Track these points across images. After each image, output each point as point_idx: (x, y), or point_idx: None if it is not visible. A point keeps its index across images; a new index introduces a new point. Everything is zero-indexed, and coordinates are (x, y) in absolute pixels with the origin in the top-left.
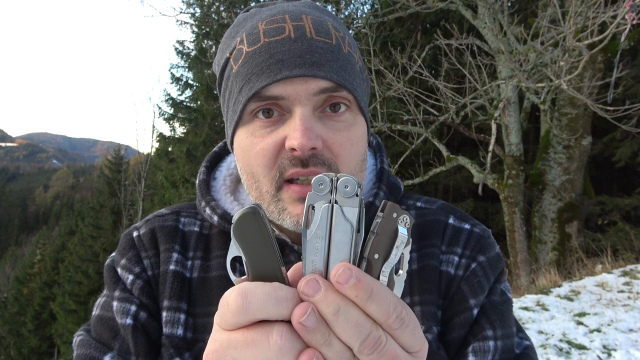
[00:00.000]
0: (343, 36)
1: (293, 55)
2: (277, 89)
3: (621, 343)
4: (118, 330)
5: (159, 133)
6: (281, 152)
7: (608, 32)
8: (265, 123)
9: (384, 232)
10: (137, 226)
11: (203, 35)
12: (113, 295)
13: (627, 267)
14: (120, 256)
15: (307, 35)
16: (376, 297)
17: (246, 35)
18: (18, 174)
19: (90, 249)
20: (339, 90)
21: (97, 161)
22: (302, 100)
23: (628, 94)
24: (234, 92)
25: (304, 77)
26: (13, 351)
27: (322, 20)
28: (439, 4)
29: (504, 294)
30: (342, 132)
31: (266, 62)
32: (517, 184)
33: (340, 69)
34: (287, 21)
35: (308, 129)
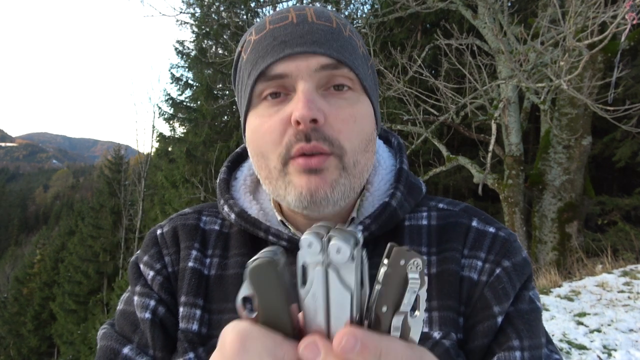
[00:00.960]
0: (344, 24)
1: (295, 37)
2: (280, 67)
3: (621, 343)
4: (138, 324)
5: (159, 133)
6: (288, 130)
7: (608, 32)
8: (272, 103)
9: (392, 282)
10: (161, 225)
11: (203, 35)
12: (134, 290)
13: (627, 267)
14: (143, 253)
15: (309, 20)
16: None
17: (255, 29)
18: (18, 174)
19: (90, 249)
20: (340, 67)
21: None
22: (304, 77)
23: (628, 94)
24: (244, 78)
25: (305, 54)
26: (13, 351)
27: (323, 10)
28: (439, 4)
29: (532, 302)
30: (345, 108)
31: (270, 44)
32: (517, 184)
33: (340, 47)
34: (291, 11)
35: (309, 101)
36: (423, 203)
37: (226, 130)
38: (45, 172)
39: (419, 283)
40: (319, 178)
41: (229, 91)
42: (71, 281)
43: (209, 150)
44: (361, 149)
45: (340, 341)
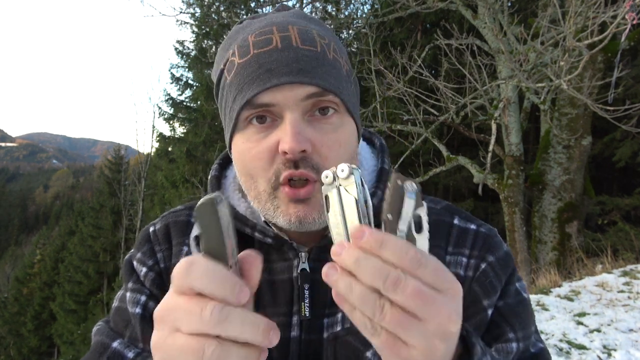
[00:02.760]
0: (328, 43)
1: (280, 65)
2: (267, 97)
3: (621, 343)
4: (130, 319)
5: (159, 133)
6: (276, 157)
7: (608, 32)
8: (259, 129)
9: (393, 197)
10: (154, 222)
11: (203, 35)
12: (127, 287)
13: (627, 267)
14: (136, 250)
15: (293, 45)
16: (387, 244)
17: (237, 48)
18: (18, 174)
19: (90, 249)
20: (326, 95)
21: (97, 161)
22: (291, 106)
23: (628, 94)
24: (229, 101)
25: (292, 84)
26: (13, 351)
27: (307, 30)
28: (439, 4)
29: (518, 294)
30: (330, 134)
31: (256, 72)
32: (517, 184)
33: (325, 74)
34: (275, 32)
35: (297, 133)
36: None
37: None
38: (45, 172)
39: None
40: (307, 206)
41: None
42: (71, 281)
43: (209, 150)
44: None
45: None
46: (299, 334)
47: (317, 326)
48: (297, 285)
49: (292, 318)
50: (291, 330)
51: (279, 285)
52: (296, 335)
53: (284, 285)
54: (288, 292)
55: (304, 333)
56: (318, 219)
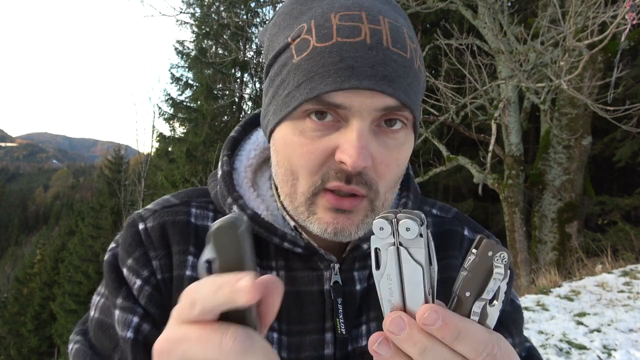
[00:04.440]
0: (416, 47)
1: (365, 64)
2: (341, 97)
3: (621, 343)
4: (118, 341)
5: (159, 133)
6: (328, 160)
7: (608, 32)
8: (317, 125)
9: (478, 270)
10: (142, 216)
11: (203, 35)
12: (115, 303)
13: (627, 267)
14: (126, 254)
15: (384, 44)
16: (465, 337)
17: (315, 26)
18: (18, 174)
19: (90, 249)
20: (402, 110)
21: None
22: (363, 114)
23: (628, 94)
24: (290, 84)
25: (373, 90)
26: (13, 351)
27: (398, 27)
28: (439, 4)
29: (513, 303)
30: (392, 151)
31: (335, 64)
32: (517, 184)
33: (408, 87)
34: (364, 21)
35: (364, 148)
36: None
37: (226, 130)
38: (45, 172)
39: (503, 275)
40: (347, 218)
41: (229, 91)
42: (71, 281)
43: (209, 150)
44: (391, 188)
45: (422, 314)
46: (333, 352)
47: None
48: (330, 299)
49: (325, 335)
50: (325, 348)
51: (307, 298)
52: (330, 353)
53: (312, 298)
54: (319, 307)
55: (338, 350)
56: (355, 233)
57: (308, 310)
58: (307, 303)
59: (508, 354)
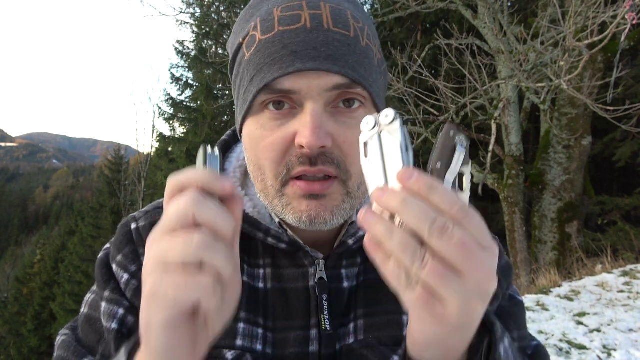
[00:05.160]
0: (362, 27)
1: (307, 47)
2: (288, 82)
3: (621, 343)
4: (104, 333)
5: (159, 133)
6: (290, 149)
7: (608, 32)
8: (275, 115)
9: (444, 146)
10: (135, 217)
11: (203, 35)
12: (103, 296)
13: (627, 267)
14: (116, 251)
15: (324, 26)
16: (437, 189)
17: (260, 22)
18: (18, 174)
19: (90, 249)
20: (354, 87)
21: (97, 161)
22: (314, 96)
23: (628, 94)
24: (245, 80)
25: (318, 71)
26: (13, 351)
27: (341, 10)
28: (439, 4)
29: (512, 299)
30: (354, 129)
31: (279, 52)
32: (517, 184)
33: (356, 63)
34: (304, 8)
35: (318, 127)
36: None
37: (226, 130)
38: (45, 172)
39: (464, 154)
40: (320, 204)
41: (229, 91)
42: (71, 281)
43: None
44: None
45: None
46: (317, 349)
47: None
48: (315, 295)
49: (310, 331)
50: (310, 344)
51: (293, 295)
52: (315, 350)
53: (298, 294)
54: (304, 303)
55: (323, 347)
56: (330, 220)
57: (293, 306)
58: (293, 300)
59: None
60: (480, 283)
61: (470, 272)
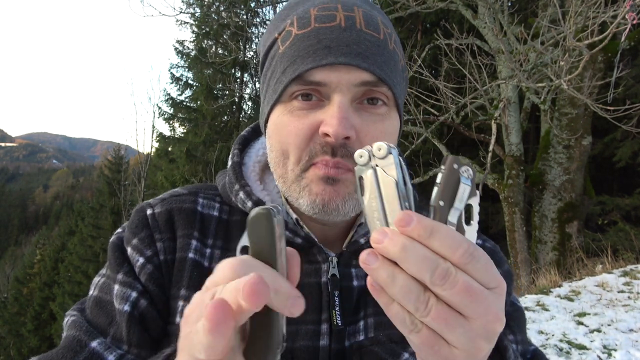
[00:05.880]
0: (390, 33)
1: (341, 44)
2: (320, 74)
3: (621, 343)
4: (115, 315)
5: (159, 133)
6: (314, 136)
7: (608, 32)
8: (303, 105)
9: (447, 181)
10: (151, 204)
11: (203, 35)
12: (116, 278)
13: (627, 267)
14: (132, 235)
15: (357, 27)
16: (438, 233)
17: (297, 19)
18: (18, 174)
19: (90, 249)
20: (380, 85)
21: (97, 161)
22: (342, 89)
23: (628, 94)
24: (277, 72)
25: (348, 65)
26: (13, 351)
27: (372, 15)
28: (439, 4)
29: (513, 305)
30: (377, 124)
31: (314, 46)
32: (517, 184)
33: (384, 63)
34: (339, 10)
35: (344, 118)
36: None
37: (226, 130)
38: (45, 172)
39: (470, 187)
40: (333, 189)
41: (229, 91)
42: (71, 281)
43: (209, 150)
44: None
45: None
46: (328, 343)
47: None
48: (327, 291)
49: (321, 326)
50: (320, 339)
51: (305, 290)
52: (325, 344)
53: (311, 290)
54: (316, 298)
55: (334, 342)
56: (342, 207)
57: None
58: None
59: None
60: (487, 324)
61: (477, 315)
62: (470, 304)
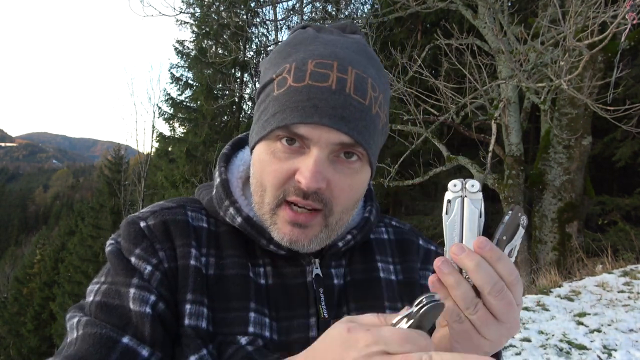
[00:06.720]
0: (377, 95)
1: (328, 105)
2: (304, 129)
3: (621, 343)
4: (131, 318)
5: (159, 133)
6: (290, 179)
7: (608, 32)
8: (285, 149)
9: (511, 223)
10: (141, 217)
11: (203, 35)
12: (130, 283)
13: (628, 267)
14: (132, 245)
15: (346, 91)
16: (503, 260)
17: (294, 68)
18: (18, 174)
19: (90, 249)
20: (356, 146)
21: (97, 161)
22: (322, 145)
23: (628, 94)
24: (269, 112)
25: (330, 127)
26: (13, 351)
27: (364, 77)
28: (439, 4)
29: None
30: (347, 178)
31: (303, 102)
32: (517, 184)
33: (363, 128)
34: (334, 70)
35: (318, 172)
36: (380, 220)
37: (226, 130)
38: (45, 172)
39: (523, 232)
40: (301, 232)
41: (229, 91)
42: (71, 281)
43: (209, 150)
44: (348, 210)
45: (479, 241)
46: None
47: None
48: (313, 289)
49: (310, 319)
50: (310, 330)
51: (293, 289)
52: (315, 335)
53: (298, 289)
54: (304, 296)
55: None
56: (307, 246)
57: (294, 298)
58: (293, 293)
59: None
60: (510, 328)
61: (507, 321)
62: (506, 313)
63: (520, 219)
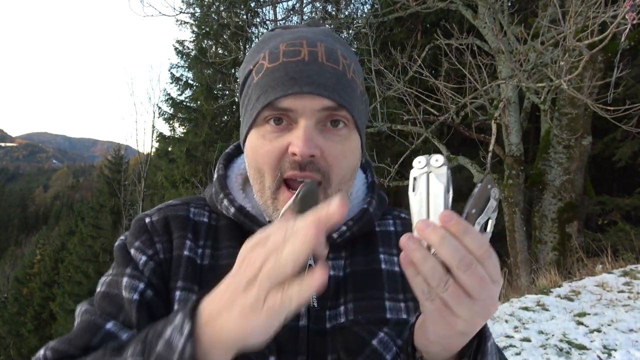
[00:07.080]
0: (349, 63)
1: (304, 75)
2: (288, 102)
3: (621, 343)
4: (123, 305)
5: (159, 133)
6: (284, 156)
7: (608, 32)
8: (274, 129)
9: (480, 196)
10: (148, 214)
11: (203, 35)
12: (124, 272)
13: (628, 267)
14: (134, 239)
15: (319, 60)
16: (470, 233)
17: (269, 53)
18: (18, 174)
19: (90, 249)
20: (340, 109)
21: (97, 161)
22: (307, 114)
23: (628, 94)
24: (252, 99)
25: (312, 94)
26: (13, 351)
27: (333, 49)
28: (439, 4)
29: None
30: (337, 144)
31: (282, 78)
32: (517, 184)
33: (342, 91)
34: (304, 46)
35: (309, 139)
36: (388, 212)
37: (226, 130)
38: (45, 172)
39: (496, 206)
40: None
41: (229, 91)
42: (71, 281)
43: (209, 150)
44: (347, 179)
45: (444, 215)
46: (306, 323)
47: (321, 317)
48: None
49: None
50: (299, 319)
51: None
52: (304, 324)
53: None
54: None
55: (312, 322)
56: None
57: None
58: None
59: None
60: (485, 306)
61: (480, 298)
62: (479, 288)
63: (491, 191)
